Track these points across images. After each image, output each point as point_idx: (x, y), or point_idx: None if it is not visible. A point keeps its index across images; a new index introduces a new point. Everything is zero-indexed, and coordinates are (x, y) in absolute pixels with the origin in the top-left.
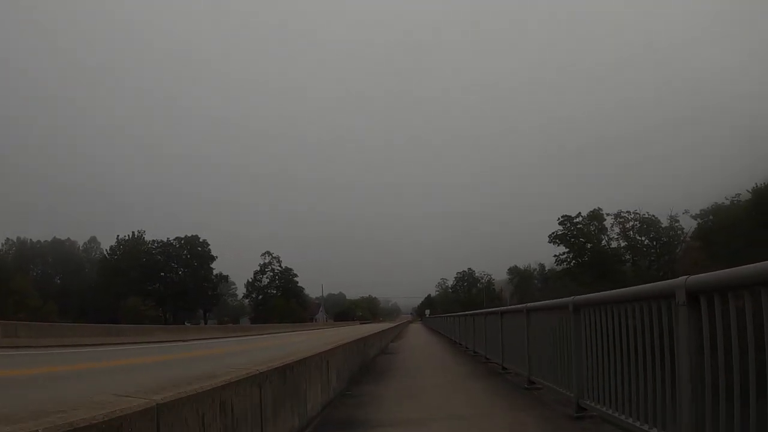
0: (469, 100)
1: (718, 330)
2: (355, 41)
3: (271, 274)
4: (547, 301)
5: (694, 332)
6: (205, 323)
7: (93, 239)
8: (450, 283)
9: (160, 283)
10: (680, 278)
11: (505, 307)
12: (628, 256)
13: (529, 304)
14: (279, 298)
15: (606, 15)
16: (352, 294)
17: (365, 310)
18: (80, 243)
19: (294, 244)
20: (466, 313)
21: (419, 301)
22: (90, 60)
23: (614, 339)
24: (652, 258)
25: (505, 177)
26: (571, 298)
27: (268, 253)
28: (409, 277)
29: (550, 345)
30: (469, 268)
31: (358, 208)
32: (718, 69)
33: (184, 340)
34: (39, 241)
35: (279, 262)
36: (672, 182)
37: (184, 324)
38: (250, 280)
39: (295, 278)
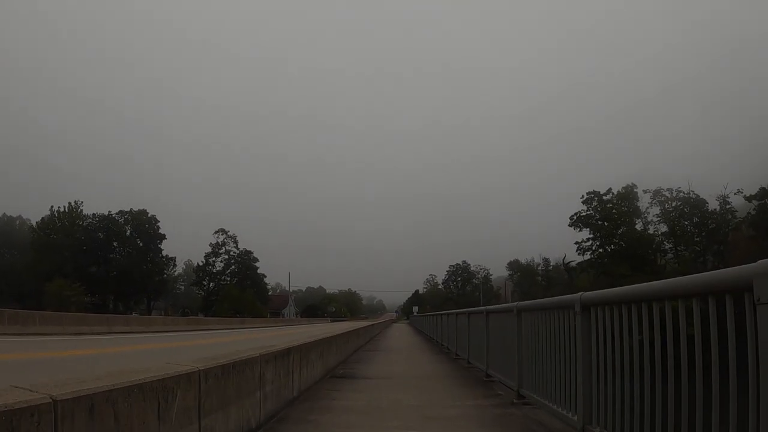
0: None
1: (599, 333)
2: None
3: (226, 257)
4: (499, 305)
5: (586, 335)
6: (149, 314)
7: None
8: (440, 279)
9: (99, 265)
10: (577, 294)
11: (471, 309)
12: (669, 245)
13: (488, 306)
14: (232, 287)
15: None
16: (334, 288)
17: (343, 305)
18: (33, 222)
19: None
20: (441, 312)
21: (407, 297)
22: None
23: (541, 338)
24: (698, 248)
25: (507, 170)
26: (515, 304)
27: (222, 230)
28: (398, 274)
29: (501, 343)
30: (464, 261)
31: (342, 201)
32: None
33: None
34: None
35: (235, 242)
36: (711, 162)
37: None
38: (200, 263)
39: (256, 263)
